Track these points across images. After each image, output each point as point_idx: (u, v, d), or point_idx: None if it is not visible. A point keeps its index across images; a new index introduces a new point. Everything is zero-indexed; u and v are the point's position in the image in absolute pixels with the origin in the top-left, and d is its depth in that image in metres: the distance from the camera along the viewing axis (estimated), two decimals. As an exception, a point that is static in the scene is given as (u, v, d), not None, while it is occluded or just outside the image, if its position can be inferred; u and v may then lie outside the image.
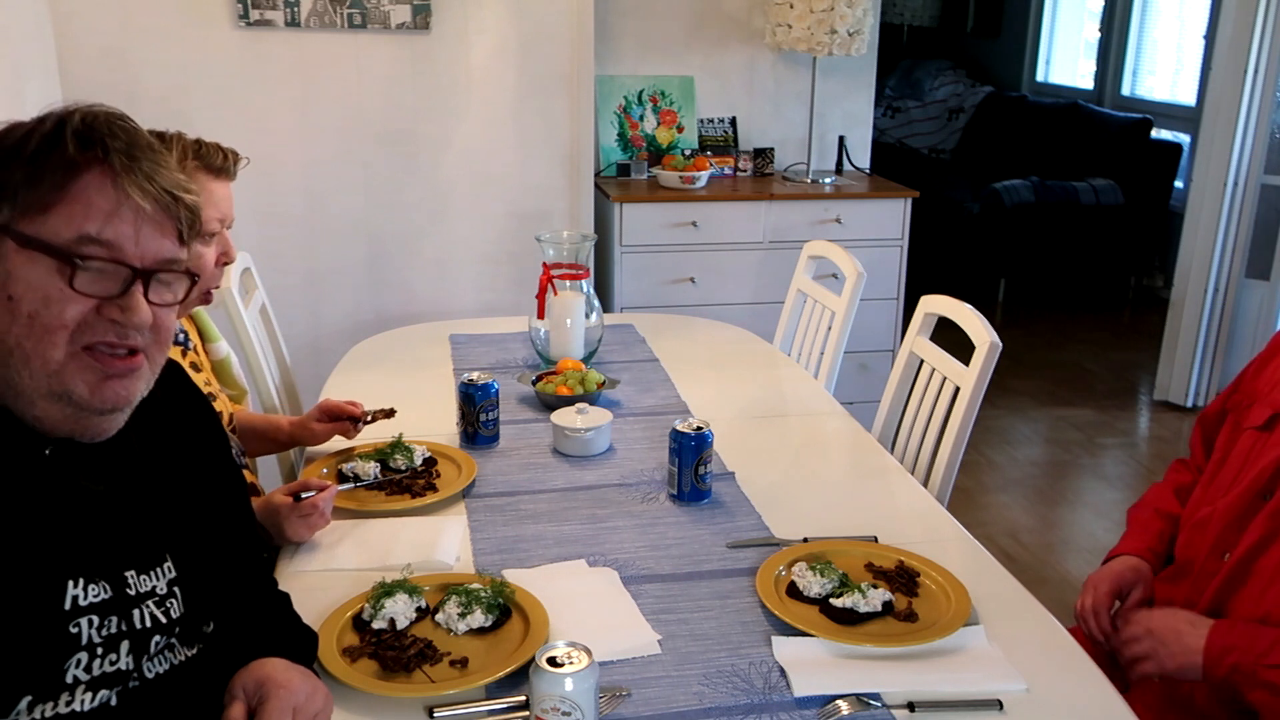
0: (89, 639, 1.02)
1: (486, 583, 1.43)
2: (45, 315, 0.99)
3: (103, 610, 1.04)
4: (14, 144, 1.01)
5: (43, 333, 0.99)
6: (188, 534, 1.16)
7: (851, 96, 4.10)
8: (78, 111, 1.03)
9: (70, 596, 1.01)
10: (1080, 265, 5.71)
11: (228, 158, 1.70)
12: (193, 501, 1.18)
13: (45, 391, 1.00)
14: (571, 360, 2.27)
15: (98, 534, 1.06)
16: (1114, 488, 3.79)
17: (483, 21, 3.26)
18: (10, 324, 0.99)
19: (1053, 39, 7.08)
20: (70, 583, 1.02)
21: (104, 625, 1.03)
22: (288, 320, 2.81)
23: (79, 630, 1.01)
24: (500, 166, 3.40)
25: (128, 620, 1.06)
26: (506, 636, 1.36)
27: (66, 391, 1.01)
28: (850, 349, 2.61)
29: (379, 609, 1.36)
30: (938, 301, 2.16)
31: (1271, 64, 3.98)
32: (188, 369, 1.77)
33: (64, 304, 0.99)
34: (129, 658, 1.06)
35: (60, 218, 0.99)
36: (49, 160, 1.00)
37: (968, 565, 1.55)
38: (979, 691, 1.26)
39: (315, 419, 1.92)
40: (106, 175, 1.01)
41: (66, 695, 1.00)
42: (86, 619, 1.02)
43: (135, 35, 3.07)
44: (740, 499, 1.77)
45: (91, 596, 1.03)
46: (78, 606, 1.02)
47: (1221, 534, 1.55)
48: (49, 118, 1.03)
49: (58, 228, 0.99)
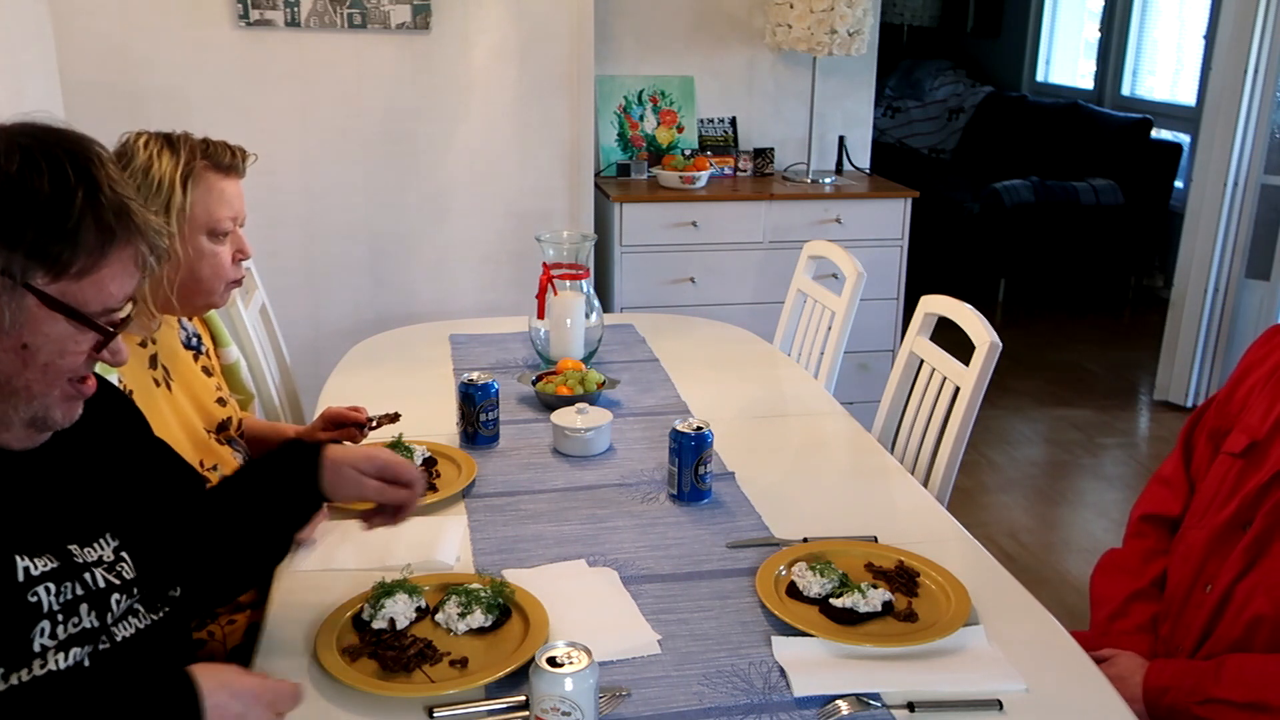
0: (49, 606, 1.07)
1: (486, 583, 1.43)
2: (59, 364, 1.07)
3: (56, 577, 1.09)
4: (44, 197, 1.03)
5: (54, 378, 1.07)
6: (124, 507, 1.21)
7: (851, 96, 4.10)
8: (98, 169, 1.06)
9: (21, 569, 1.06)
10: (1080, 265, 5.71)
11: (236, 155, 1.70)
12: (123, 478, 1.24)
13: (28, 419, 1.08)
14: (571, 360, 2.27)
15: (37, 513, 1.12)
16: (1114, 488, 3.79)
17: (483, 21, 3.26)
18: (22, 369, 1.05)
19: (1053, 39, 7.08)
20: (18, 557, 1.07)
21: (60, 591, 1.09)
22: (288, 320, 2.81)
23: (37, 599, 1.06)
24: (500, 166, 3.40)
25: (82, 583, 1.11)
26: (506, 636, 1.36)
27: (46, 419, 1.09)
28: (850, 349, 2.61)
29: (379, 609, 1.36)
30: (938, 301, 2.16)
31: (1271, 64, 3.98)
32: (200, 373, 1.78)
33: (77, 355, 1.08)
34: (91, 616, 1.11)
35: (92, 287, 1.06)
36: (85, 228, 1.04)
37: (968, 565, 1.55)
38: (979, 691, 1.26)
39: (320, 428, 1.91)
40: (131, 245, 1.08)
41: (39, 661, 1.06)
42: (42, 587, 1.07)
43: (135, 35, 3.07)
44: (740, 499, 1.77)
45: (41, 567, 1.08)
46: (30, 577, 1.07)
47: (1203, 566, 1.56)
48: (63, 163, 1.05)
49: (87, 297, 1.06)
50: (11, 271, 1.01)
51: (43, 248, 1.02)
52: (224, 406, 1.81)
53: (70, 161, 1.04)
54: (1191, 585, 1.57)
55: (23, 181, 1.02)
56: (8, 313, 1.02)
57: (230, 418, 1.82)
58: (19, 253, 1.01)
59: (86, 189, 1.04)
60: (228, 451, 1.77)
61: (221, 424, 1.79)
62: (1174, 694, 1.46)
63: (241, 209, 1.71)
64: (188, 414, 1.70)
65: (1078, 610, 2.80)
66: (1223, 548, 1.54)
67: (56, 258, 1.03)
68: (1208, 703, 1.42)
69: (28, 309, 1.03)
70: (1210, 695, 1.42)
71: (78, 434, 1.18)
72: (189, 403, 1.72)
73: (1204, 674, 1.44)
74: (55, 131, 1.08)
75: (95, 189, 1.05)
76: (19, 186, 1.02)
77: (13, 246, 1.01)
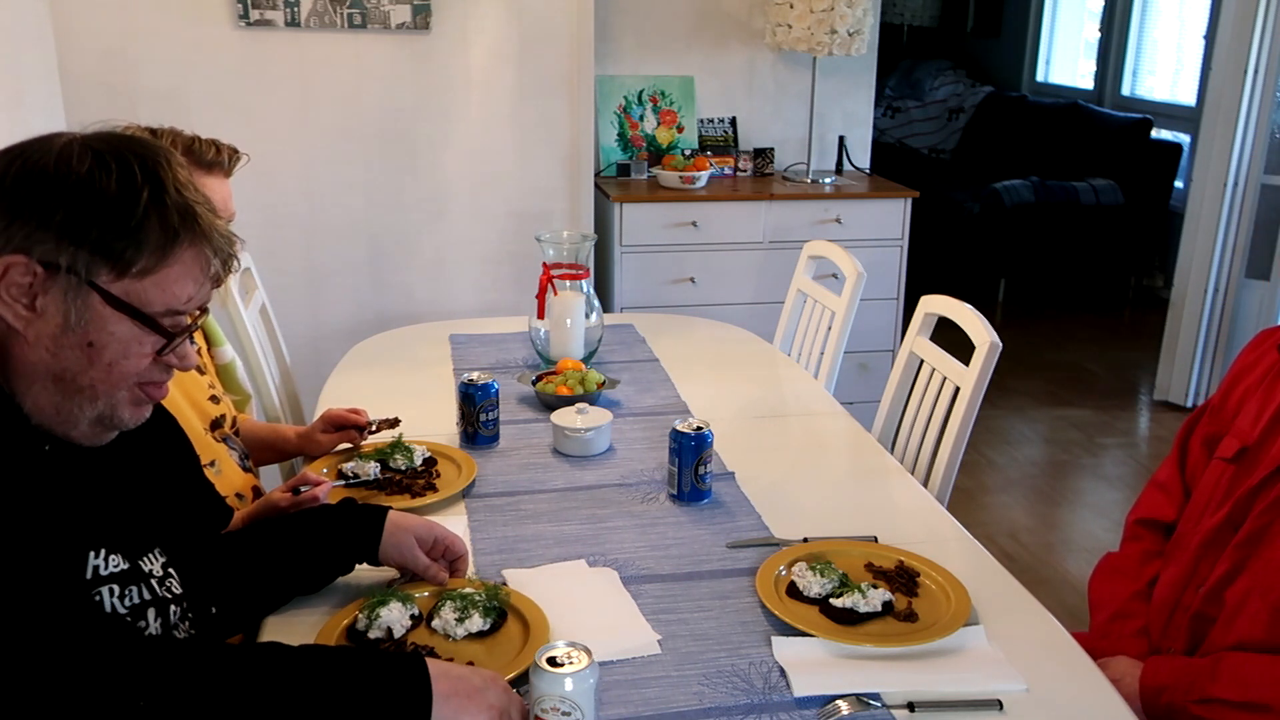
0: (113, 608, 1.10)
1: (480, 586, 1.42)
2: (123, 364, 1.08)
3: (123, 580, 1.11)
4: (110, 196, 1.04)
5: (119, 378, 1.09)
6: (169, 525, 1.24)
7: (851, 96, 4.10)
8: (165, 172, 1.07)
9: (91, 566, 1.09)
10: (1080, 265, 5.71)
11: (222, 152, 1.69)
12: (168, 496, 1.27)
13: (95, 418, 1.10)
14: (571, 360, 2.27)
15: (105, 512, 1.14)
16: (1114, 488, 3.79)
17: (483, 21, 3.26)
18: (87, 367, 1.06)
19: (1053, 39, 7.08)
20: (92, 553, 1.09)
21: (126, 595, 1.11)
22: (288, 320, 2.81)
23: (100, 599, 1.09)
24: (500, 166, 3.40)
25: (148, 588, 1.14)
26: (506, 640, 1.35)
27: (114, 418, 1.11)
28: (850, 349, 2.61)
29: (374, 618, 1.33)
30: (938, 301, 2.16)
31: (1271, 64, 3.98)
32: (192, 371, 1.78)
33: (141, 357, 1.09)
34: (157, 623, 1.14)
35: (156, 288, 1.07)
36: (149, 227, 1.05)
37: (968, 565, 1.55)
38: (979, 691, 1.26)
39: (320, 429, 1.91)
40: (196, 247, 1.09)
41: None
42: (107, 588, 1.09)
43: (135, 35, 3.06)
44: (740, 499, 1.77)
45: (112, 566, 1.11)
46: (99, 576, 1.09)
47: (1195, 568, 1.56)
48: (131, 164, 1.06)
49: (151, 297, 1.07)
50: (77, 269, 1.04)
51: (107, 244, 1.04)
52: (217, 404, 1.81)
53: (139, 163, 1.06)
54: (1184, 587, 1.57)
55: (91, 181, 1.04)
56: (74, 310, 1.04)
57: (224, 415, 1.82)
58: (84, 250, 1.03)
59: (152, 189, 1.06)
60: (223, 449, 1.77)
61: (215, 421, 1.79)
62: (1171, 693, 1.46)
63: (225, 208, 1.70)
64: (183, 411, 1.70)
65: (1078, 610, 2.80)
66: (1215, 550, 1.54)
67: (120, 255, 1.04)
68: (1205, 702, 1.42)
69: (92, 307, 1.05)
70: (1207, 694, 1.42)
71: (136, 445, 1.20)
72: (182, 399, 1.71)
73: (1200, 673, 1.45)
74: (127, 138, 1.10)
75: (161, 189, 1.06)
76: (87, 186, 1.04)
77: (79, 244, 1.03)
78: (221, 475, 1.72)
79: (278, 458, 2.04)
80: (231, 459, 1.78)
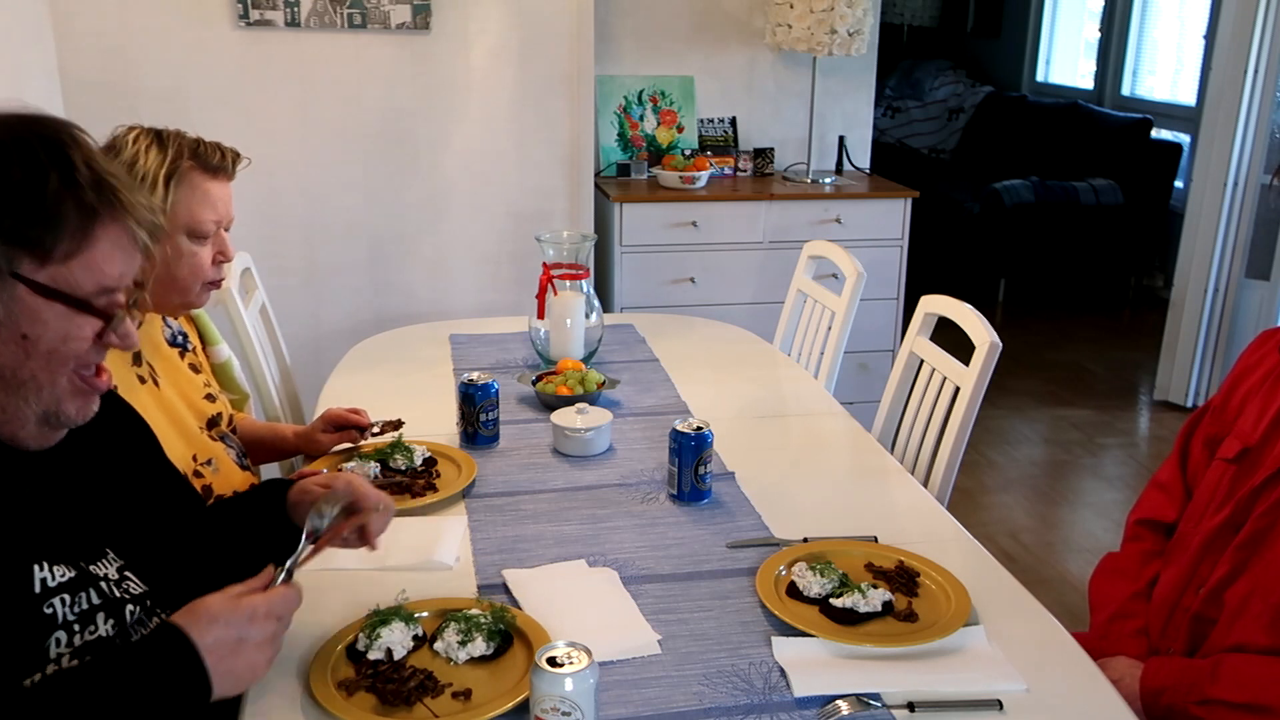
0: (64, 617, 1.07)
1: (486, 608, 1.37)
2: (63, 351, 1.05)
3: (72, 588, 1.09)
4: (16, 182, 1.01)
5: (59, 365, 1.05)
6: (125, 527, 1.21)
7: (851, 96, 4.10)
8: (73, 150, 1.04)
9: (39, 580, 1.06)
10: (1080, 265, 5.71)
11: (226, 156, 1.68)
12: (125, 498, 1.24)
13: (40, 415, 1.07)
14: (571, 360, 2.27)
15: (54, 521, 1.12)
16: (1114, 488, 3.79)
17: (483, 21, 3.26)
18: (25, 359, 1.03)
19: (1053, 39, 7.08)
20: (36, 566, 1.07)
21: (75, 602, 1.09)
22: (288, 320, 2.81)
23: (53, 610, 1.06)
24: (500, 166, 3.40)
25: (98, 592, 1.11)
26: (509, 665, 1.29)
27: (59, 414, 1.08)
28: (850, 349, 2.60)
29: (375, 639, 1.29)
30: (938, 301, 2.16)
31: (1271, 64, 3.98)
32: (186, 370, 1.78)
33: (80, 340, 1.05)
34: (108, 625, 1.11)
35: (83, 270, 1.03)
36: (64, 209, 1.02)
37: (968, 565, 1.55)
38: (979, 691, 1.26)
39: (320, 429, 1.91)
40: (118, 222, 1.05)
41: (52, 666, 1.06)
42: (59, 598, 1.07)
43: (135, 35, 3.06)
44: (740, 499, 1.77)
45: (59, 577, 1.08)
46: (47, 588, 1.07)
47: (1196, 568, 1.56)
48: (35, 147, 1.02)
49: (80, 280, 1.03)
50: None
51: (21, 233, 1.00)
52: (213, 403, 1.81)
53: (42, 145, 1.03)
54: (1184, 587, 1.57)
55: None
56: (1, 305, 1.00)
57: (220, 413, 1.82)
58: (0, 243, 1.00)
59: (61, 170, 1.02)
60: (220, 447, 1.77)
61: (211, 419, 1.79)
62: (1171, 694, 1.46)
63: (227, 212, 1.70)
64: (178, 410, 1.70)
65: (1078, 610, 2.80)
66: (1215, 551, 1.54)
67: (39, 242, 1.00)
68: (1205, 703, 1.42)
69: (20, 299, 1.01)
70: (1207, 695, 1.42)
71: (87, 447, 1.18)
72: (178, 399, 1.71)
73: (1201, 674, 1.45)
74: (30, 119, 1.06)
75: (70, 169, 1.02)
76: None
77: None
78: (219, 474, 1.72)
79: (276, 457, 2.04)
80: (229, 457, 1.78)
